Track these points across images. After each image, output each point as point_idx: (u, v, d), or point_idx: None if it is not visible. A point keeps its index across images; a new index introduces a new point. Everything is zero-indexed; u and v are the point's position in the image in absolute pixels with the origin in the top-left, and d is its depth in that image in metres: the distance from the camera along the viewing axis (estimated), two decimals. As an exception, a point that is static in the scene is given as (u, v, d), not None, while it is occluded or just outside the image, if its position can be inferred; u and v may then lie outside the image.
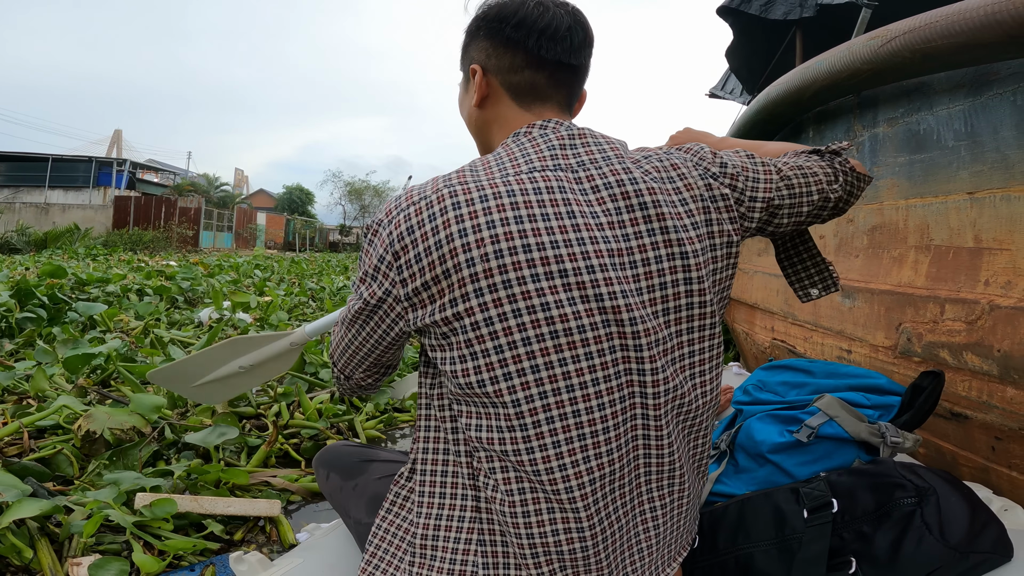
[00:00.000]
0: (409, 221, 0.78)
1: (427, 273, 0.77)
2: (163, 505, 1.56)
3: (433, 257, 0.76)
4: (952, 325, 1.36)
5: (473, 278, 0.75)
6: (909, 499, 1.01)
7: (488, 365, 0.76)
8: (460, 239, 0.75)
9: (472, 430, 0.80)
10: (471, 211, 0.76)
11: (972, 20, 1.13)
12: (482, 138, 0.97)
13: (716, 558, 1.10)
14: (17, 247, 17.23)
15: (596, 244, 0.79)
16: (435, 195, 0.78)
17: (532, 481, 0.78)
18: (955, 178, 1.40)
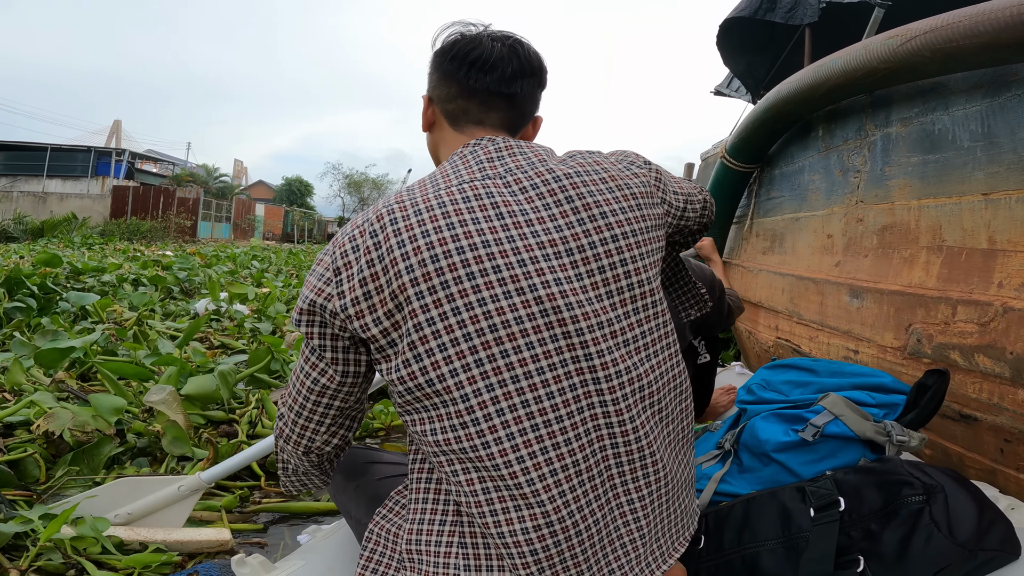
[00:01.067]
0: (353, 242, 0.85)
1: (369, 283, 0.82)
2: (91, 528, 1.44)
3: (376, 268, 0.81)
4: (964, 327, 1.36)
5: (413, 282, 0.80)
6: (917, 497, 1.01)
7: (434, 364, 0.79)
8: (399, 249, 0.81)
9: (428, 435, 0.82)
10: (407, 224, 0.82)
11: (997, 21, 1.12)
12: (435, 159, 1.06)
13: (722, 557, 1.09)
14: (14, 236, 17.17)
15: (526, 239, 0.83)
16: (374, 216, 0.86)
17: (494, 479, 0.79)
18: (970, 179, 1.40)
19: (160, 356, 2.69)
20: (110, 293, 5.21)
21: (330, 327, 0.85)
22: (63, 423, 1.87)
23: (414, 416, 0.85)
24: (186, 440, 2.01)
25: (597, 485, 0.82)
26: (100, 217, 24.28)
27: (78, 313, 3.98)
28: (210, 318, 4.35)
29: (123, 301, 4.74)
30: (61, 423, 1.87)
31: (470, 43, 0.95)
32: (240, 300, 5.01)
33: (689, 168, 5.38)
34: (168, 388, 2.14)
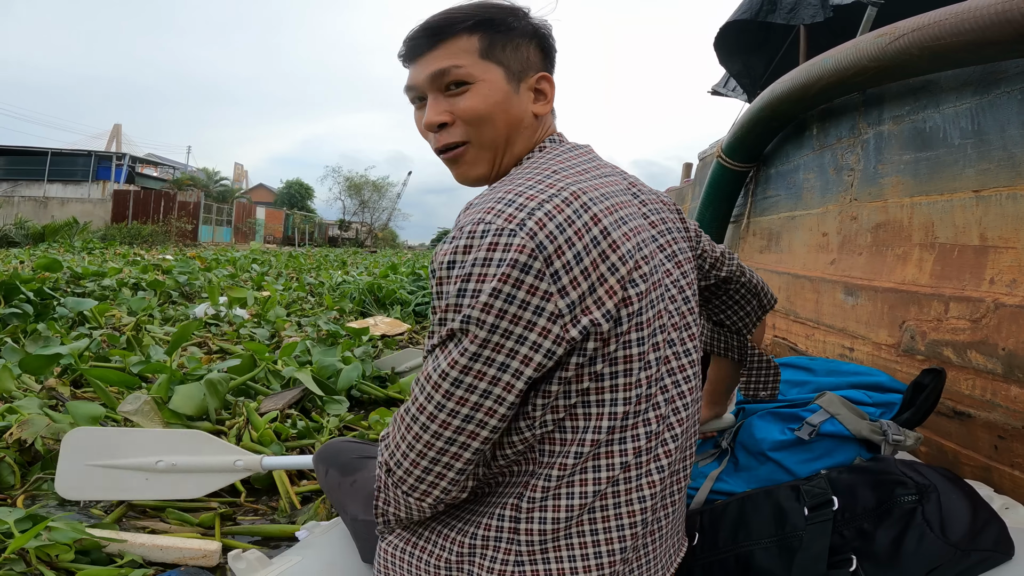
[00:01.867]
0: (554, 220, 0.72)
1: (591, 275, 0.73)
2: (60, 532, 1.39)
3: (592, 257, 0.73)
4: (956, 323, 1.36)
5: (627, 276, 0.76)
6: (910, 496, 1.01)
7: (640, 355, 0.79)
8: (605, 239, 0.74)
9: (594, 419, 0.80)
10: (600, 211, 0.76)
11: (982, 18, 1.13)
12: (513, 143, 0.90)
13: (716, 555, 1.09)
14: (16, 240, 17.21)
15: (670, 234, 0.90)
16: (558, 197, 0.74)
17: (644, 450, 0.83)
18: (961, 176, 1.40)
19: (148, 363, 2.59)
20: (110, 298, 5.19)
21: (539, 334, 0.71)
22: (36, 431, 1.81)
23: (581, 406, 0.79)
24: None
25: (677, 472, 0.87)
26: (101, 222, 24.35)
27: (75, 319, 3.93)
28: (206, 322, 4.29)
29: (122, 306, 4.69)
30: (34, 431, 1.82)
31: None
32: (240, 304, 4.95)
33: (688, 168, 5.39)
34: (144, 397, 2.03)
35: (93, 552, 1.48)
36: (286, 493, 1.84)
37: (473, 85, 0.84)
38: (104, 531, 1.51)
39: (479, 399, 0.72)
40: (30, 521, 1.48)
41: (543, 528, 0.79)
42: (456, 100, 0.84)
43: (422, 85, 0.85)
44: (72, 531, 1.40)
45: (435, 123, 0.85)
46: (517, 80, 0.87)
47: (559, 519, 0.78)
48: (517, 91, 0.87)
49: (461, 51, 0.83)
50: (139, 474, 1.58)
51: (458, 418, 0.73)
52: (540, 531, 0.79)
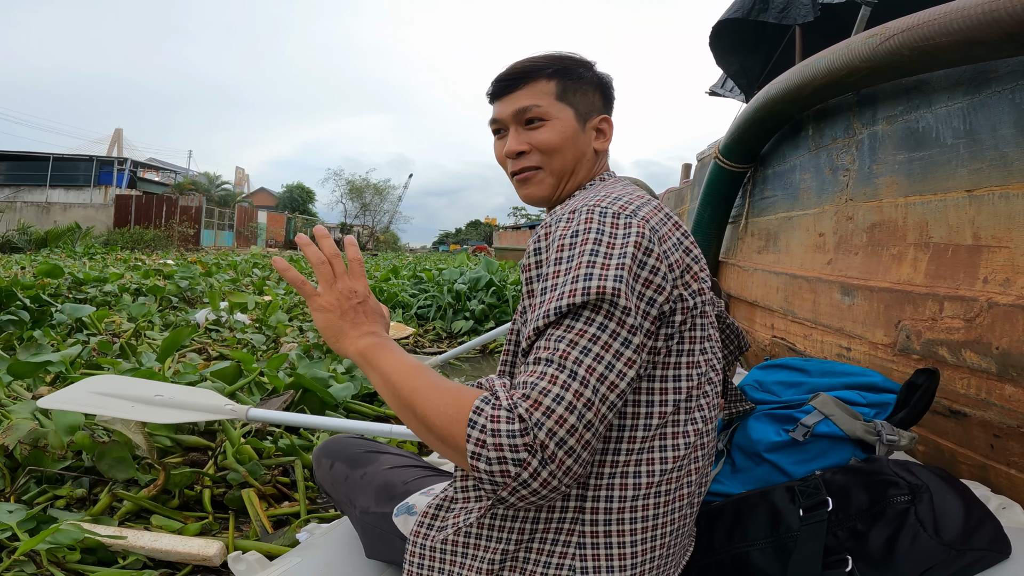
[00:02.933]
0: (655, 216, 0.86)
1: (684, 261, 0.86)
2: (64, 533, 1.38)
3: (681, 250, 0.86)
4: (951, 323, 1.36)
5: (700, 272, 0.88)
6: (902, 497, 1.01)
7: (702, 338, 0.87)
8: (686, 240, 0.89)
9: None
10: (673, 221, 0.90)
11: (969, 18, 1.13)
12: (577, 172, 1.03)
13: (712, 557, 1.10)
14: (19, 246, 17.27)
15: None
16: (649, 204, 0.89)
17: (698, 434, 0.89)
18: (954, 176, 1.40)
19: (140, 370, 2.51)
20: (112, 303, 5.19)
21: (660, 306, 0.81)
22: (17, 437, 1.80)
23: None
24: (130, 463, 1.80)
25: (708, 467, 0.92)
26: (103, 227, 24.41)
27: (73, 325, 3.91)
28: (208, 328, 4.28)
29: (122, 312, 4.67)
30: (16, 436, 1.80)
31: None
32: (241, 309, 4.93)
33: (686, 169, 5.39)
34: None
35: (98, 551, 1.48)
36: (256, 516, 1.74)
37: (548, 122, 0.98)
38: (105, 530, 1.51)
39: (637, 354, 0.76)
40: (33, 522, 1.50)
41: (609, 507, 0.80)
42: (533, 133, 0.98)
43: (506, 119, 1.00)
44: (75, 531, 1.41)
45: (515, 151, 0.99)
46: (584, 120, 1.01)
47: (625, 497, 0.80)
48: (583, 129, 1.01)
49: (541, 93, 0.98)
50: (127, 402, 1.65)
51: (625, 378, 0.74)
52: (606, 510, 0.80)
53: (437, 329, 5.45)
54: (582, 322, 0.74)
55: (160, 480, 1.75)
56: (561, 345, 0.73)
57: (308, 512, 1.79)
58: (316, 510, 1.84)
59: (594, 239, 0.79)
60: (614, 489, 0.80)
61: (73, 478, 1.83)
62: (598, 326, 0.74)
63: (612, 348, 0.73)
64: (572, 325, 0.74)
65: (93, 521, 1.59)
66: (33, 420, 1.94)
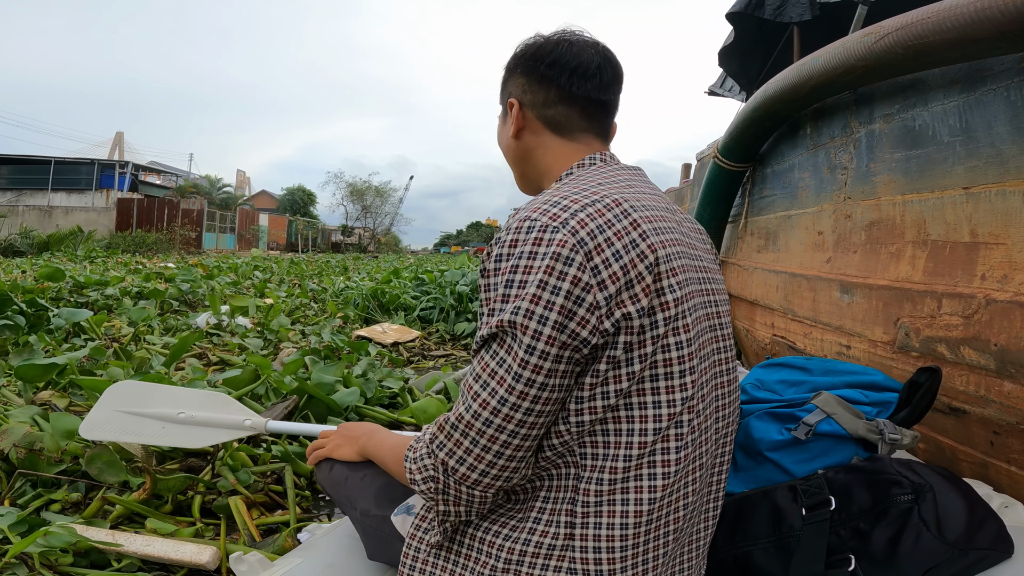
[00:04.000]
0: (595, 221, 0.78)
1: (629, 272, 0.77)
2: (56, 535, 1.37)
3: (631, 256, 0.78)
4: (949, 320, 1.36)
5: (663, 277, 0.80)
6: (906, 496, 1.01)
7: (679, 358, 0.82)
8: (643, 241, 0.79)
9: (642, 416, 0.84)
10: (639, 217, 0.81)
11: (962, 16, 1.13)
12: (521, 166, 1.04)
13: (715, 557, 1.10)
14: (21, 250, 17.29)
15: (702, 260, 0.92)
16: (600, 202, 0.81)
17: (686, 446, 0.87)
18: (951, 173, 1.40)
19: (147, 375, 2.49)
20: (113, 307, 5.13)
21: (579, 325, 0.76)
22: (12, 440, 1.79)
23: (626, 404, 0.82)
24: (120, 466, 1.79)
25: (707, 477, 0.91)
26: (105, 230, 24.44)
27: (71, 330, 3.84)
28: (208, 332, 4.21)
29: (123, 316, 4.61)
30: (11, 440, 1.79)
31: (566, 49, 0.95)
32: (242, 313, 4.84)
33: (686, 169, 5.39)
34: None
35: (91, 554, 1.47)
36: (244, 524, 1.71)
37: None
38: (99, 533, 1.49)
39: (537, 390, 0.76)
40: (25, 525, 1.49)
41: (598, 534, 0.80)
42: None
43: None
44: (68, 535, 1.40)
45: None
46: (504, 113, 1.05)
47: (614, 525, 0.80)
48: (504, 123, 1.04)
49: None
50: (157, 423, 1.70)
51: (520, 410, 0.77)
52: (595, 536, 0.80)
53: (441, 331, 5.44)
54: (488, 355, 0.79)
55: (148, 484, 1.73)
56: (469, 377, 0.81)
57: (298, 521, 1.76)
58: (308, 519, 1.81)
59: (511, 266, 0.77)
60: (602, 517, 0.81)
61: (69, 482, 1.82)
62: (497, 360, 0.78)
63: (505, 382, 0.77)
64: (482, 357, 0.80)
65: (86, 524, 1.58)
66: (29, 423, 1.93)
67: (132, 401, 1.74)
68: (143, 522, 1.69)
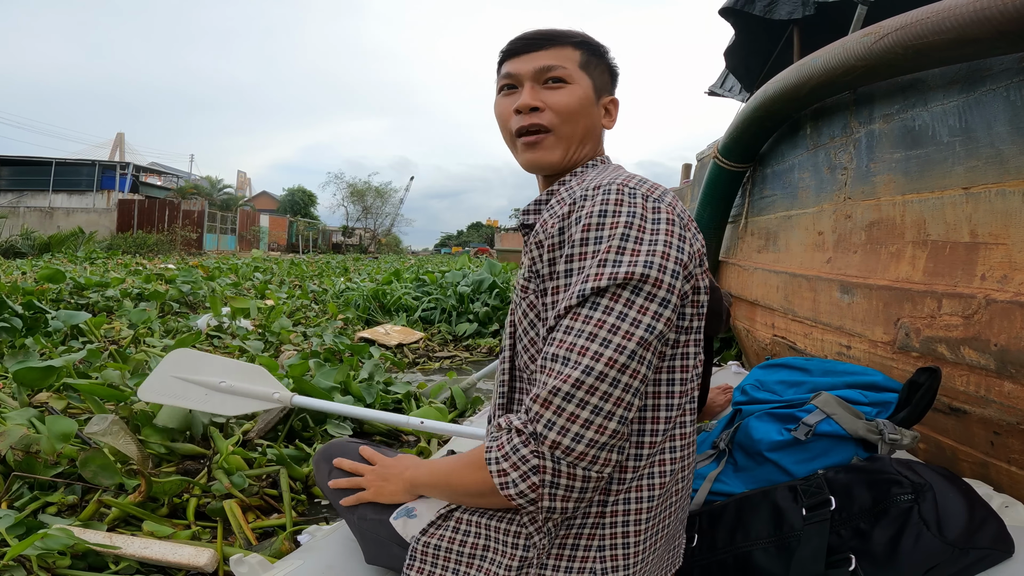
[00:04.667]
0: (678, 206, 0.86)
1: (698, 256, 0.85)
2: (53, 538, 1.37)
3: (698, 245, 0.86)
4: (949, 320, 1.36)
5: (706, 272, 0.87)
6: (906, 495, 1.01)
7: (696, 340, 0.87)
8: (697, 235, 0.88)
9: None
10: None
11: (961, 16, 1.13)
12: (588, 146, 1.03)
13: (715, 556, 1.10)
14: (22, 251, 17.30)
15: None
16: (668, 194, 0.87)
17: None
18: (950, 173, 1.40)
19: (144, 376, 2.41)
20: (114, 308, 5.11)
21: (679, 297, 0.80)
22: (9, 442, 1.78)
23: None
24: (114, 469, 1.79)
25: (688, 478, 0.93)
26: (106, 231, 24.45)
27: (68, 332, 3.77)
28: (208, 334, 4.17)
29: (123, 318, 4.56)
30: (8, 442, 1.78)
31: None
32: (243, 315, 4.78)
33: (687, 169, 5.39)
34: (110, 417, 1.93)
35: (89, 557, 1.47)
36: (239, 528, 1.69)
37: (569, 85, 0.98)
38: (96, 536, 1.49)
39: (660, 344, 0.77)
40: (23, 527, 1.49)
41: (627, 509, 0.81)
42: (551, 93, 0.97)
43: (524, 75, 0.98)
44: (66, 537, 1.39)
45: (529, 105, 0.96)
46: (598, 95, 1.02)
47: (642, 498, 0.82)
48: (596, 103, 1.02)
49: (566, 57, 0.99)
50: (202, 390, 1.84)
51: (645, 364, 0.75)
52: (625, 511, 0.82)
53: (443, 332, 5.43)
54: (600, 312, 0.74)
55: (143, 487, 1.72)
56: (579, 340, 0.73)
57: (294, 524, 1.75)
58: (304, 522, 1.80)
59: (626, 221, 0.78)
60: (631, 492, 0.82)
61: (65, 484, 1.80)
62: (617, 315, 0.74)
63: (633, 335, 0.73)
64: (589, 315, 0.74)
65: (83, 527, 1.58)
66: (26, 426, 1.92)
67: (185, 368, 1.88)
68: (139, 525, 1.68)
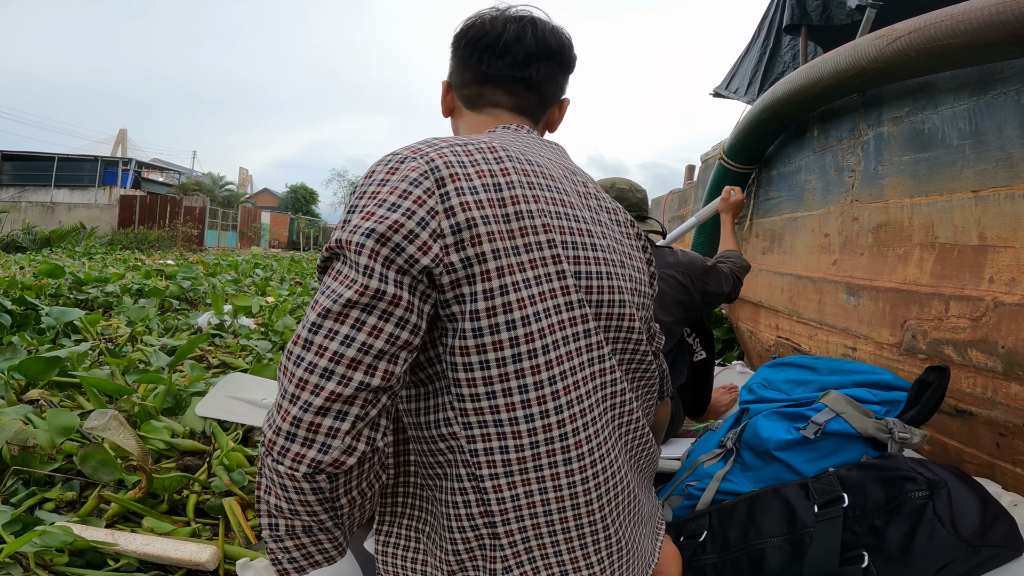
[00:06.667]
0: (458, 157, 0.72)
1: (484, 209, 0.70)
2: (52, 535, 1.36)
3: (488, 196, 0.71)
4: (957, 322, 1.37)
5: (516, 232, 0.72)
6: (920, 492, 1.01)
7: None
8: (508, 191, 0.73)
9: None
10: (513, 167, 0.75)
11: (976, 20, 1.14)
12: None
13: (729, 555, 1.10)
14: (23, 246, 17.28)
15: (579, 221, 0.81)
16: (472, 144, 0.75)
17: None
18: (959, 176, 1.41)
19: (147, 373, 2.49)
20: (113, 304, 5.03)
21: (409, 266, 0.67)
22: (5, 438, 1.78)
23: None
24: (115, 464, 1.77)
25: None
26: (108, 227, 24.40)
27: (61, 329, 3.64)
28: (209, 332, 4.07)
29: (121, 315, 4.47)
30: (3, 438, 1.78)
31: (482, 27, 0.90)
32: (245, 313, 4.69)
33: (690, 170, 5.39)
34: (110, 412, 1.89)
35: (87, 554, 1.46)
36: (239, 526, 1.67)
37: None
38: (96, 533, 1.48)
39: (362, 323, 0.64)
40: (19, 523, 1.49)
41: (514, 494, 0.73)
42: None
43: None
44: (64, 534, 1.38)
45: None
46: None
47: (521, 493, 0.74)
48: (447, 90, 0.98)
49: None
50: (247, 406, 1.95)
51: (335, 342, 0.63)
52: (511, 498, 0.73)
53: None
54: (320, 285, 0.68)
55: (143, 483, 1.70)
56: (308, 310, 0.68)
57: None
58: None
59: (359, 193, 0.71)
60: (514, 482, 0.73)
61: (63, 480, 1.79)
62: (322, 287, 0.67)
63: (319, 303, 0.65)
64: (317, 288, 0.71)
65: (82, 523, 1.56)
66: (21, 420, 1.90)
67: (235, 388, 2.02)
68: (139, 521, 1.67)
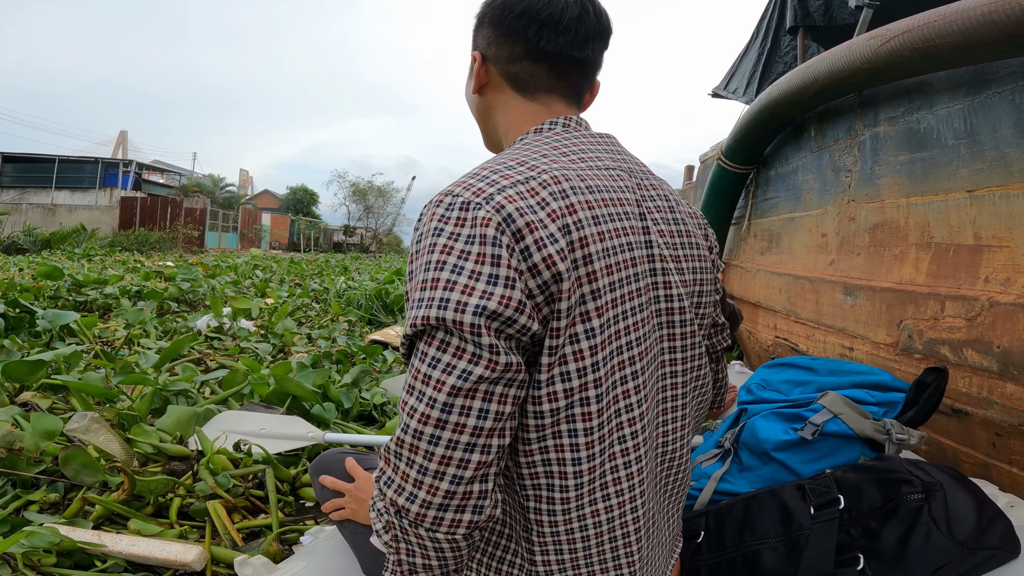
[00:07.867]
0: (524, 200, 0.68)
1: (566, 259, 0.68)
2: (39, 536, 1.35)
3: (564, 243, 0.68)
4: (952, 322, 1.37)
5: (588, 278, 0.70)
6: (916, 495, 1.01)
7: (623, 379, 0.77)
8: (577, 232, 0.69)
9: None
10: (576, 202, 0.71)
11: (969, 20, 1.14)
12: (483, 124, 0.94)
13: (723, 556, 1.10)
14: (24, 248, 17.30)
15: (663, 249, 0.81)
16: (536, 179, 0.71)
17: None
18: (955, 176, 1.41)
19: (132, 375, 2.45)
20: (112, 306, 5.02)
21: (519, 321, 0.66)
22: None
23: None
24: (97, 467, 1.76)
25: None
26: (108, 228, 24.45)
27: (55, 333, 3.60)
28: (208, 336, 4.04)
29: (119, 317, 4.43)
30: None
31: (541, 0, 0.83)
32: (244, 315, 4.66)
33: (689, 170, 5.39)
34: (89, 415, 1.92)
35: (75, 555, 1.46)
36: (224, 529, 1.66)
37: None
38: (84, 534, 1.48)
39: (474, 397, 0.64)
40: (6, 525, 1.49)
41: (558, 559, 0.75)
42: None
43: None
44: (51, 535, 1.38)
45: None
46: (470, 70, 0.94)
47: (576, 550, 0.75)
48: (472, 75, 0.93)
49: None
50: (245, 436, 2.02)
51: (464, 429, 0.64)
52: (557, 563, 0.75)
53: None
54: (417, 359, 0.67)
55: (126, 485, 1.69)
56: (403, 394, 0.68)
57: (281, 525, 1.72)
58: (291, 523, 1.77)
59: (429, 245, 0.67)
60: (552, 550, 0.75)
61: (48, 482, 1.77)
62: (429, 362, 0.65)
63: (445, 384, 0.64)
64: (412, 362, 0.68)
65: (68, 525, 1.56)
66: (10, 423, 1.89)
67: (232, 424, 2.11)
68: (124, 523, 1.67)
